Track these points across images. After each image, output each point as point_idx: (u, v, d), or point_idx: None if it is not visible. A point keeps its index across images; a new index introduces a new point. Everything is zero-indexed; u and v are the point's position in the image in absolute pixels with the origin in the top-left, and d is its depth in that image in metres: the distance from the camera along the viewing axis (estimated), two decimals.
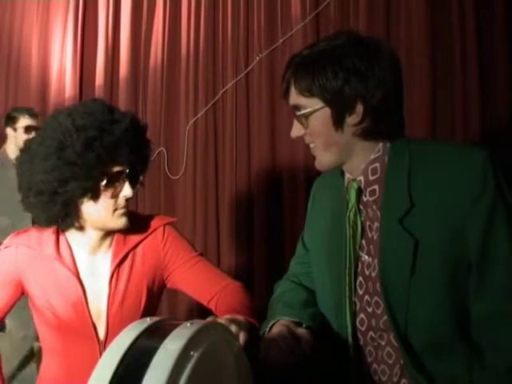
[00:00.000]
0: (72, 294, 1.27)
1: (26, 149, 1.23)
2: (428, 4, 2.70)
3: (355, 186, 1.09)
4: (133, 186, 1.27)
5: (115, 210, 1.23)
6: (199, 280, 1.33)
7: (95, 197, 1.20)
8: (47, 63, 3.99)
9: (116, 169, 1.21)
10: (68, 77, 3.89)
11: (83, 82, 3.92)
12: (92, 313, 1.28)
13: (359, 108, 1.01)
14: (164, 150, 3.43)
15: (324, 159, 1.09)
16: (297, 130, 1.10)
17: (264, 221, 3.04)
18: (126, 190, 1.22)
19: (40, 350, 1.38)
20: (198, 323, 0.69)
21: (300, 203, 2.90)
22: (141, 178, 1.33)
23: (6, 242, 1.33)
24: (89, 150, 1.14)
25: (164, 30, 3.57)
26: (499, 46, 2.57)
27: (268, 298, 1.29)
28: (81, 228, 1.28)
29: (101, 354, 1.26)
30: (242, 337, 1.00)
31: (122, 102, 3.63)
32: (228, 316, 1.08)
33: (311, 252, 1.26)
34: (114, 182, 1.21)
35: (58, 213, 1.20)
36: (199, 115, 3.39)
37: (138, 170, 1.30)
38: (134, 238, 1.34)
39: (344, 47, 1.02)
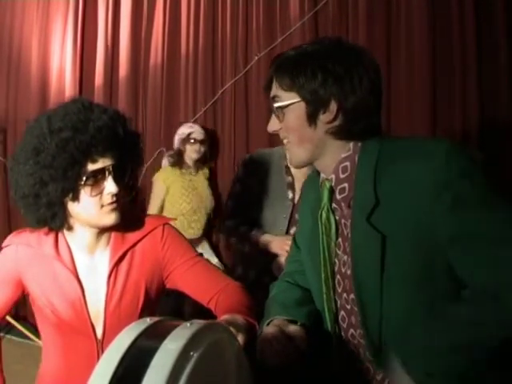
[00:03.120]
0: (71, 294, 1.27)
1: (13, 154, 1.25)
2: (428, 2, 2.71)
3: (327, 184, 1.12)
4: (122, 180, 1.27)
5: (102, 206, 1.23)
6: (199, 280, 1.33)
7: (77, 196, 1.20)
8: (47, 63, 4.00)
9: (95, 167, 1.19)
10: (68, 77, 3.90)
11: (83, 81, 3.93)
12: (91, 312, 1.28)
13: (333, 107, 1.04)
14: (164, 150, 3.43)
15: (296, 155, 1.12)
16: (273, 125, 1.13)
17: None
18: (110, 187, 1.21)
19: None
20: (198, 323, 0.69)
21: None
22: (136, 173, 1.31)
23: (6, 241, 1.33)
24: (63, 151, 1.15)
25: (164, 29, 3.57)
26: (499, 44, 2.57)
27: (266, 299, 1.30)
28: (72, 227, 1.28)
29: (98, 353, 1.27)
30: (241, 337, 1.00)
31: (122, 102, 3.64)
32: (227, 316, 1.08)
33: (301, 250, 1.28)
34: (96, 179, 1.20)
35: (44, 214, 1.21)
36: (198, 115, 3.39)
37: (128, 164, 1.28)
38: (132, 237, 1.33)
39: (327, 51, 1.07)
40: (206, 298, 1.32)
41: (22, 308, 3.91)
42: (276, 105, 1.10)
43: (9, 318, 3.48)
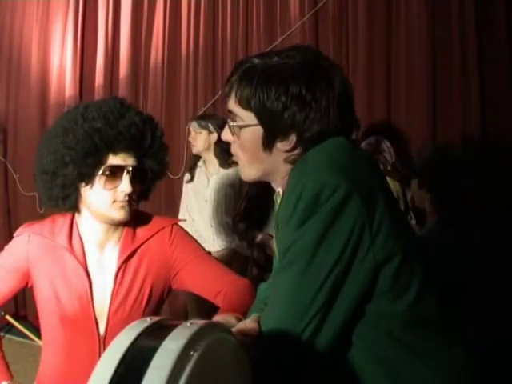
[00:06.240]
0: (78, 287, 1.28)
1: (46, 130, 1.32)
2: (428, 2, 2.71)
3: (278, 199, 1.08)
4: (139, 183, 1.30)
5: (114, 201, 1.26)
6: (206, 275, 1.33)
7: (91, 183, 1.24)
8: (47, 63, 4.00)
9: (115, 161, 1.24)
10: (68, 76, 3.90)
11: (83, 81, 3.93)
12: (96, 308, 1.29)
13: (292, 138, 0.95)
14: None
15: (246, 172, 1.05)
16: (228, 136, 1.04)
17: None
18: (124, 185, 1.24)
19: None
20: (197, 323, 0.69)
21: None
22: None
23: (18, 231, 1.36)
24: (88, 138, 1.21)
25: (164, 29, 3.58)
26: (500, 44, 2.57)
27: None
28: (80, 212, 1.31)
29: (100, 350, 1.27)
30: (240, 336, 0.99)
31: None
32: (219, 317, 1.08)
33: None
34: (114, 174, 1.25)
35: (57, 193, 1.25)
36: (199, 114, 3.39)
37: (148, 170, 1.32)
38: (141, 236, 1.35)
39: (297, 69, 0.94)
40: (213, 291, 1.31)
41: (22, 308, 3.92)
42: (231, 124, 1.01)
43: (9, 318, 3.49)
